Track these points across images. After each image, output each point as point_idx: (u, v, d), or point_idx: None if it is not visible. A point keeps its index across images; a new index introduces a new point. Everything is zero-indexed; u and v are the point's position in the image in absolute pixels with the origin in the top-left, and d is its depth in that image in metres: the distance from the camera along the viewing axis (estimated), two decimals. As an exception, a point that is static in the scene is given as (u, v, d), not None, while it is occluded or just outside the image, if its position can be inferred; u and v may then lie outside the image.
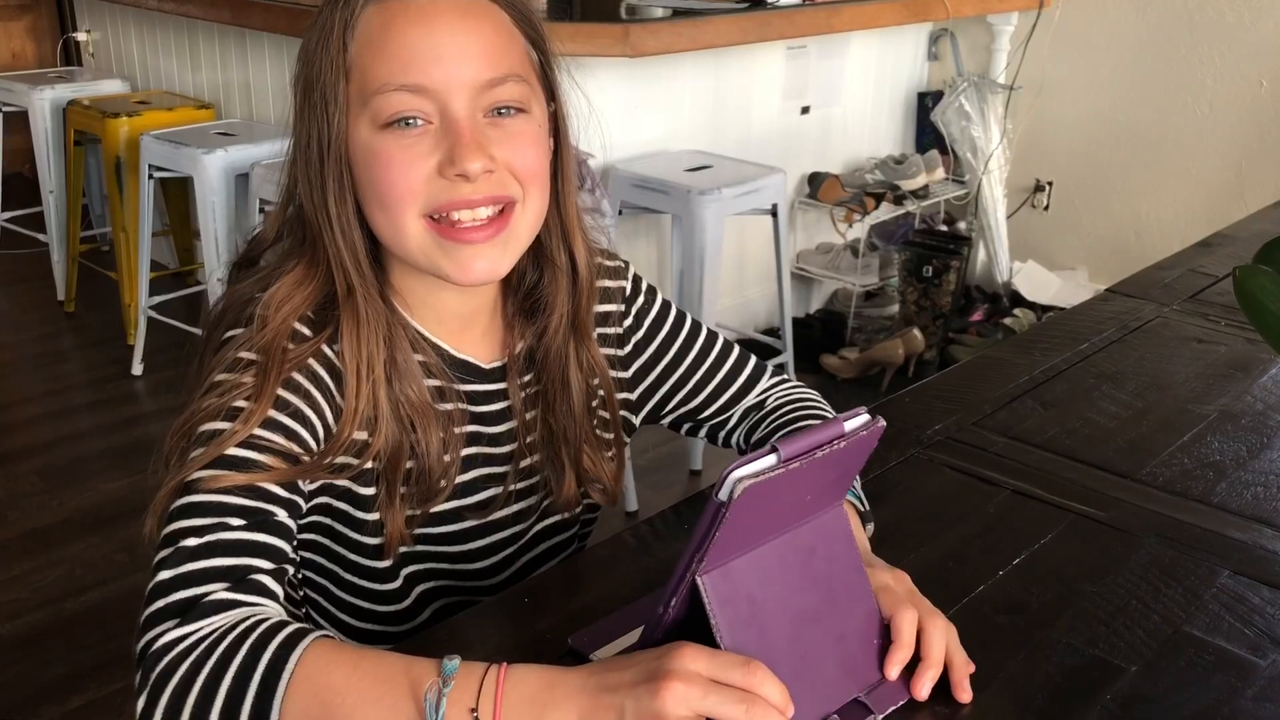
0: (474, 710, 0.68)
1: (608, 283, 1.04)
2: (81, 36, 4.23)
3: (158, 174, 3.08)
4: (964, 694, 0.77)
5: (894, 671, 0.77)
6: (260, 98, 3.43)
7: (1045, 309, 3.56)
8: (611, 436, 1.03)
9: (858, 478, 0.93)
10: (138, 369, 3.25)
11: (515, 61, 0.87)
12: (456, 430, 0.93)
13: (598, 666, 0.70)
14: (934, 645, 0.78)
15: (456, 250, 0.86)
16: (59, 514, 2.57)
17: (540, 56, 0.91)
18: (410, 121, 0.83)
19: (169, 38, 3.74)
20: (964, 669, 0.78)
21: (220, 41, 3.50)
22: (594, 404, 1.01)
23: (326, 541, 0.93)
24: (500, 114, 0.86)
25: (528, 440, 0.98)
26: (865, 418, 0.74)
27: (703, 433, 1.12)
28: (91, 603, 2.24)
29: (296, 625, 0.73)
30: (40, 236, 3.80)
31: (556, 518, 1.03)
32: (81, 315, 3.71)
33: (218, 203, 2.93)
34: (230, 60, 3.50)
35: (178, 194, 3.68)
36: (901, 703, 0.77)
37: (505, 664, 0.70)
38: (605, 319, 1.03)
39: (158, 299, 3.20)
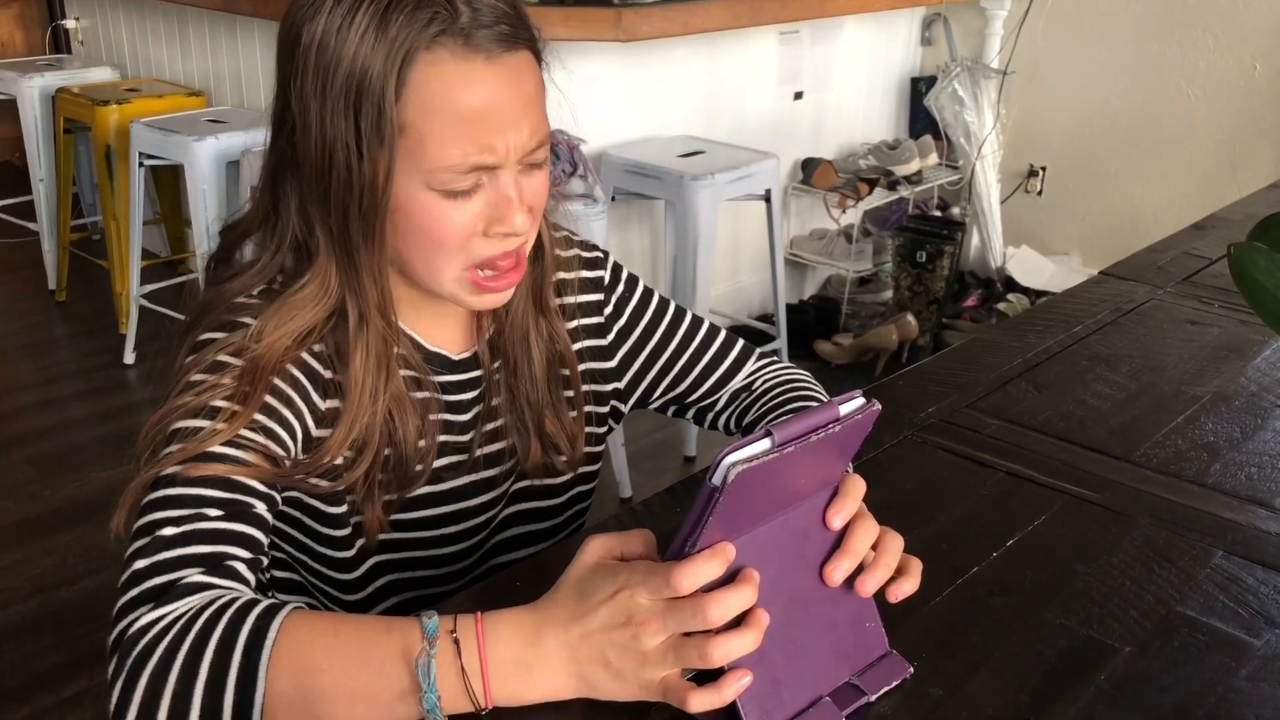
0: (463, 671, 0.69)
1: (586, 273, 1.04)
2: (71, 24, 4.20)
3: (148, 162, 3.07)
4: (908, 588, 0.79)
5: (837, 576, 0.76)
6: (251, 84, 3.42)
7: (1039, 294, 3.56)
8: (573, 410, 1.02)
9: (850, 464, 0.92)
10: (129, 357, 3.24)
11: (544, 112, 0.88)
12: (431, 417, 0.93)
13: (566, 611, 0.71)
14: (888, 549, 0.78)
15: (483, 295, 0.89)
16: (51, 503, 2.57)
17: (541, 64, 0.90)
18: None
19: (158, 25, 3.72)
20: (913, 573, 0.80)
21: (210, 28, 3.48)
22: (563, 372, 1.01)
23: (293, 531, 0.93)
24: (532, 163, 0.87)
25: (488, 427, 0.98)
26: (860, 401, 0.74)
27: (690, 415, 1.12)
28: (84, 591, 2.24)
29: (272, 599, 0.73)
30: (30, 225, 3.78)
31: (530, 504, 1.03)
32: (73, 304, 3.70)
33: (209, 190, 2.92)
34: (220, 47, 3.48)
35: (169, 182, 3.67)
36: (895, 684, 0.76)
37: (479, 616, 0.71)
38: (585, 309, 1.03)
39: (149, 287, 3.19)
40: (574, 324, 1.02)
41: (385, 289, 0.88)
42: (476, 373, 0.98)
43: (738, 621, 0.69)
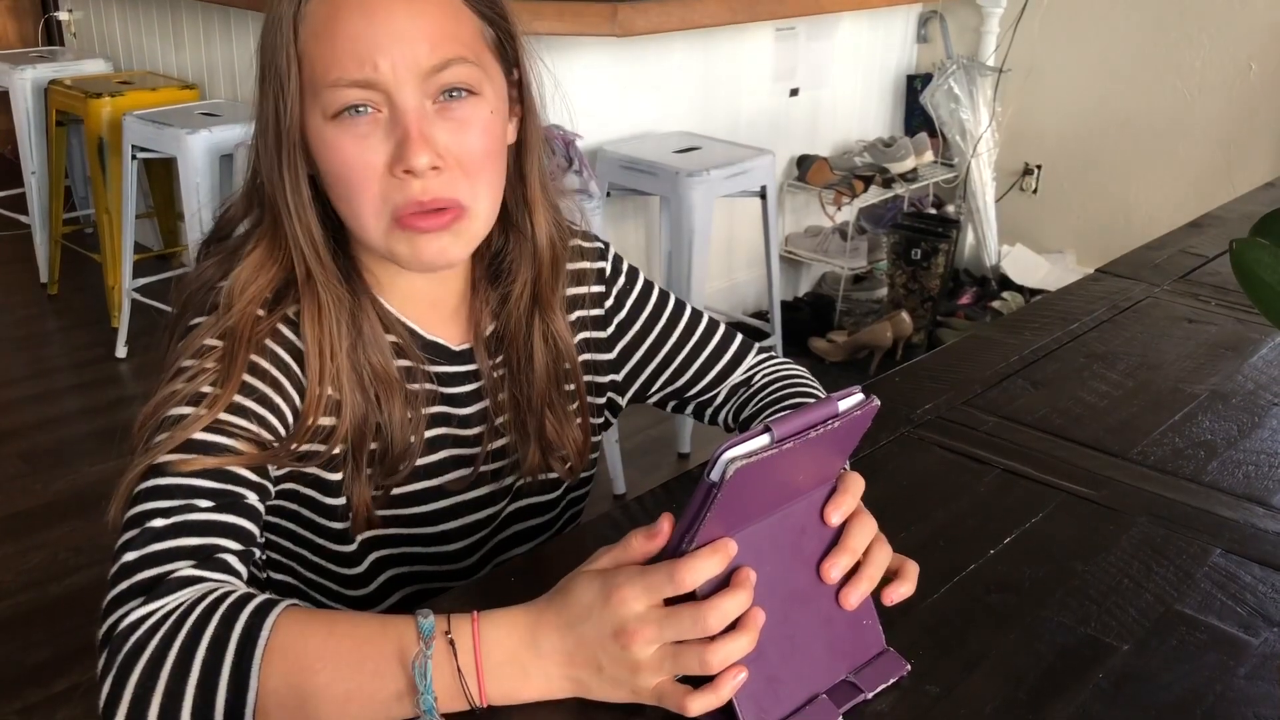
0: (459, 672, 0.68)
1: (587, 264, 1.03)
2: (63, 16, 4.18)
3: (141, 155, 3.06)
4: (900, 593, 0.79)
5: (834, 574, 0.75)
6: (245, 77, 3.40)
7: (1033, 292, 3.56)
8: (575, 406, 1.02)
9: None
10: (121, 351, 3.23)
11: (464, 43, 0.85)
12: (423, 411, 0.92)
13: (560, 616, 0.70)
14: (874, 561, 0.77)
15: (412, 238, 0.85)
16: (43, 497, 2.55)
17: (498, 32, 0.89)
18: (360, 109, 0.82)
19: (152, 17, 3.70)
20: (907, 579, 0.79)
21: (204, 20, 3.47)
22: (565, 368, 1.00)
23: (292, 526, 0.92)
24: (451, 96, 0.84)
25: (498, 422, 0.97)
26: (859, 397, 0.73)
27: (689, 410, 1.12)
28: (76, 586, 2.23)
29: (266, 595, 0.72)
30: (22, 218, 3.76)
31: (530, 500, 1.02)
32: (65, 297, 3.68)
33: (202, 184, 2.91)
34: (214, 39, 3.46)
35: (162, 175, 3.65)
36: (892, 681, 0.76)
37: (475, 615, 0.70)
38: (586, 300, 1.02)
39: (142, 281, 3.17)
40: (574, 316, 1.01)
41: (312, 228, 0.86)
42: (476, 365, 0.97)
43: (732, 622, 0.69)
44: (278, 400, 0.84)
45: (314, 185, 0.87)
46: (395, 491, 0.93)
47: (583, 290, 1.02)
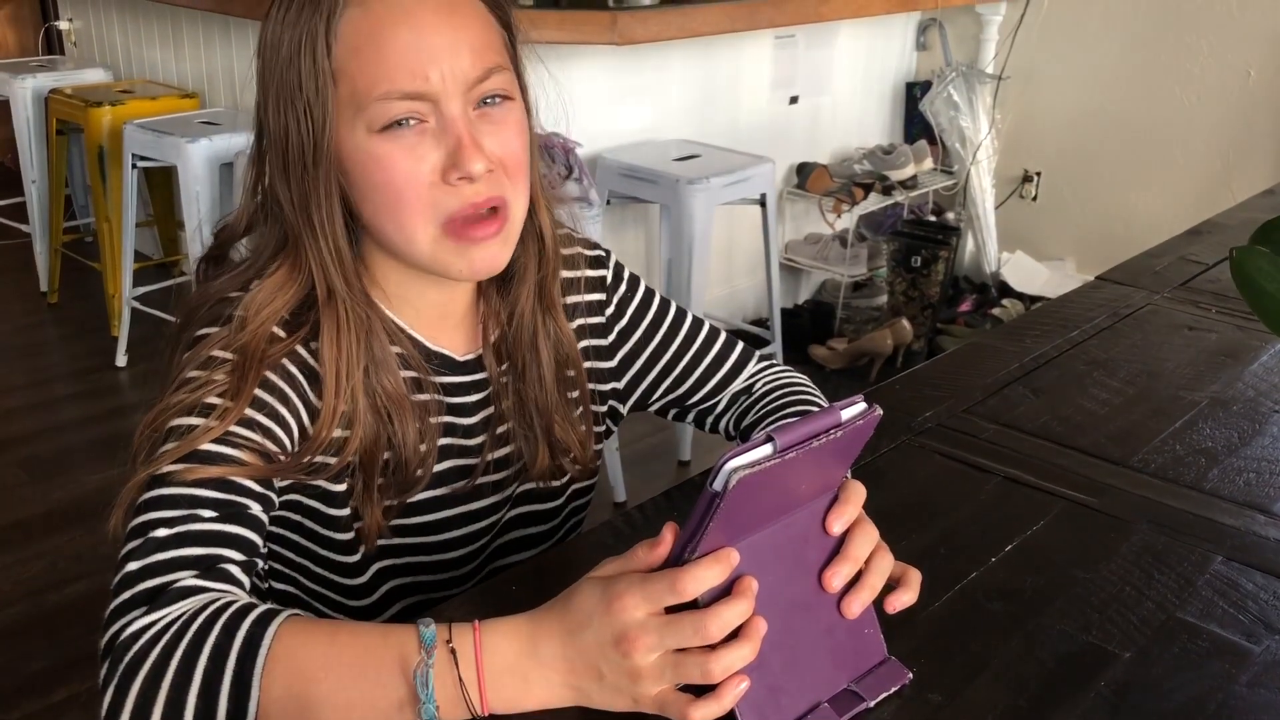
0: (461, 681, 0.68)
1: (589, 272, 1.03)
2: (64, 25, 4.19)
3: (141, 163, 3.06)
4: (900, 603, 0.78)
5: (836, 582, 0.75)
6: (244, 86, 3.40)
7: (1033, 299, 3.56)
8: (580, 411, 1.02)
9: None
10: (121, 360, 3.23)
11: (497, 51, 0.87)
12: (432, 420, 0.92)
13: (561, 624, 0.70)
14: (875, 569, 0.77)
15: (466, 250, 0.86)
16: (42, 506, 2.55)
17: (509, 35, 0.91)
18: (406, 121, 0.83)
19: (152, 26, 3.71)
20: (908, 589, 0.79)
21: (204, 29, 3.47)
22: (569, 375, 1.00)
23: (295, 537, 0.92)
24: (487, 103, 0.86)
25: (503, 429, 0.97)
26: (862, 406, 0.73)
27: (690, 418, 1.12)
28: (74, 595, 2.23)
29: (268, 605, 0.72)
30: (23, 227, 3.77)
31: (532, 507, 1.02)
32: (65, 306, 3.68)
33: (202, 192, 2.91)
34: (214, 48, 3.47)
35: (162, 184, 3.66)
36: (894, 690, 0.76)
37: (476, 624, 0.70)
38: (588, 308, 1.03)
39: (142, 290, 3.18)
40: (576, 323, 1.02)
41: (341, 249, 0.86)
42: (482, 375, 0.97)
43: (734, 631, 0.69)
44: (287, 416, 0.84)
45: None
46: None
47: (584, 298, 1.02)
